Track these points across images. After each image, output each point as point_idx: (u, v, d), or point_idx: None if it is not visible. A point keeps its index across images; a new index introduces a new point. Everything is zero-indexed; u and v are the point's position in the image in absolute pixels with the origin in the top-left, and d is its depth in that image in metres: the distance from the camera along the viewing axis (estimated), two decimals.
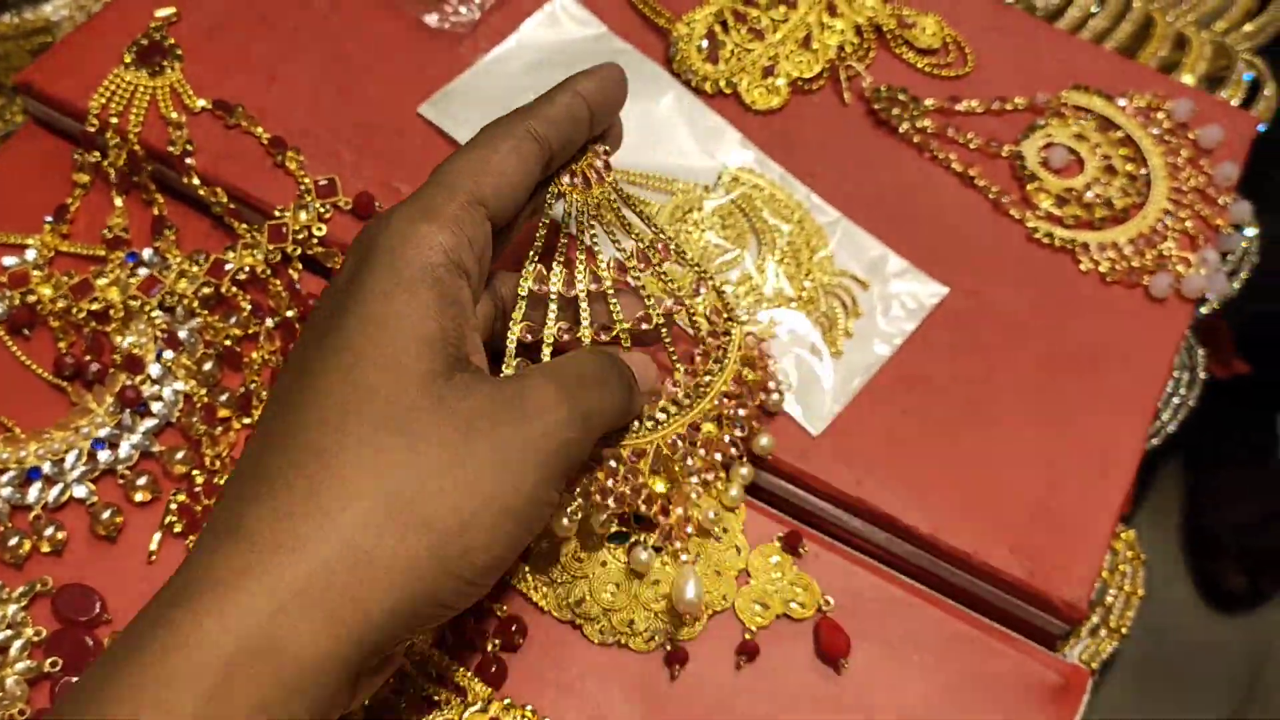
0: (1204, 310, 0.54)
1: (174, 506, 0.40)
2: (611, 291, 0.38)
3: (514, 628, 0.39)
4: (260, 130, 0.46)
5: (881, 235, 0.47)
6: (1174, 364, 0.50)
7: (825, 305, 0.45)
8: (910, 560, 0.43)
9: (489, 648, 0.39)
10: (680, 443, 0.38)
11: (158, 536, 0.40)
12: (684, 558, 0.39)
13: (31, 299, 0.43)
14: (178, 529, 0.40)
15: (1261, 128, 0.60)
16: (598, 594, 0.39)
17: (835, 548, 0.42)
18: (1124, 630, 0.45)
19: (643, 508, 0.38)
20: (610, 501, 0.37)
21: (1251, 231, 0.54)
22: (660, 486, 0.39)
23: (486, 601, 0.39)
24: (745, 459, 0.41)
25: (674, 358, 0.39)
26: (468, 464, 0.30)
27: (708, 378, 0.39)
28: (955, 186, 0.48)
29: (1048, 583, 0.41)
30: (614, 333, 0.38)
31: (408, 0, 0.50)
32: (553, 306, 0.37)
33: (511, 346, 0.36)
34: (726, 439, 0.40)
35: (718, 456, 0.40)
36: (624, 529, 0.40)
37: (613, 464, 0.37)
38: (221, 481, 0.41)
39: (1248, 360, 1.15)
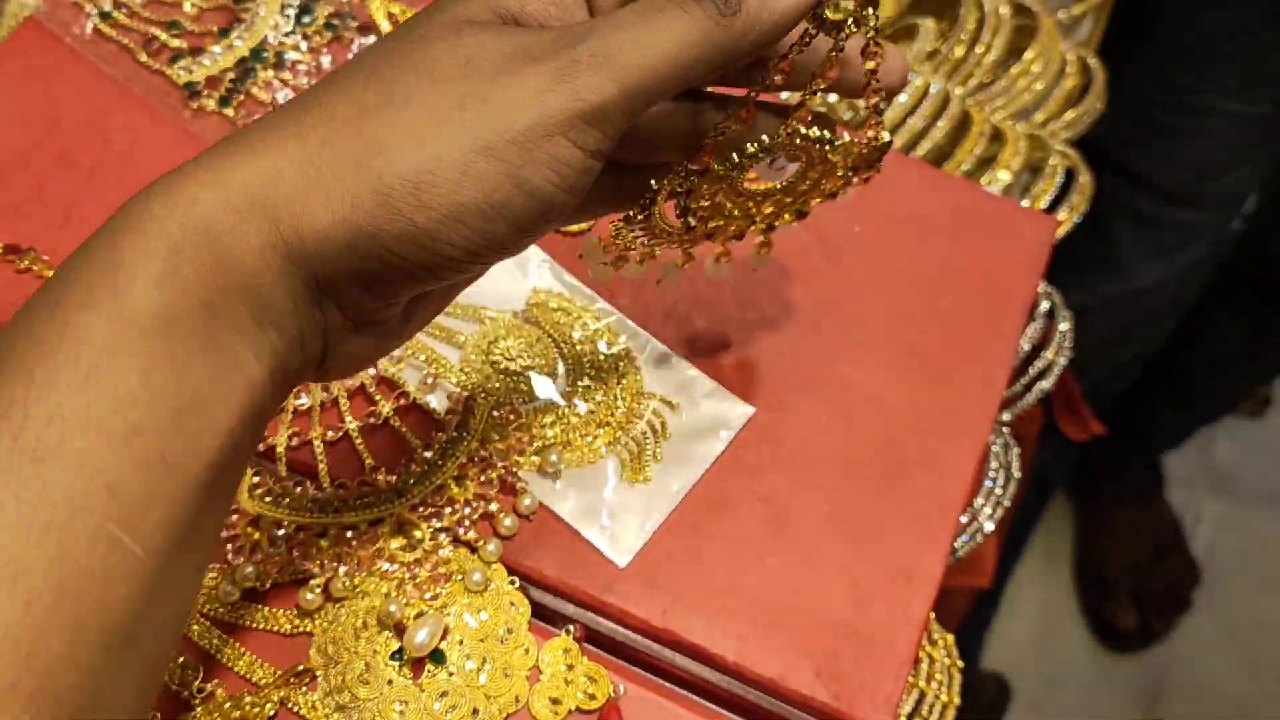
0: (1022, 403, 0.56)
1: None
2: None
3: None
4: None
5: (687, 352, 0.47)
6: (982, 468, 0.51)
7: (634, 430, 0.45)
8: (722, 687, 0.43)
9: None
10: (423, 507, 0.43)
11: None
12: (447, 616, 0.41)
13: None
14: None
15: (1077, 219, 0.62)
16: (386, 714, 0.39)
17: (646, 681, 0.42)
18: None
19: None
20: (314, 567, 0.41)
21: (1065, 326, 0.56)
22: (396, 544, 0.42)
23: None
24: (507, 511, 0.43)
25: (413, 440, 0.44)
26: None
27: (449, 445, 0.44)
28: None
29: (852, 705, 0.41)
30: None
31: (210, 133, 0.50)
32: None
33: None
34: (472, 494, 0.43)
35: (467, 511, 0.43)
36: (401, 644, 0.40)
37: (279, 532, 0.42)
38: None
39: (1116, 410, 1.19)
